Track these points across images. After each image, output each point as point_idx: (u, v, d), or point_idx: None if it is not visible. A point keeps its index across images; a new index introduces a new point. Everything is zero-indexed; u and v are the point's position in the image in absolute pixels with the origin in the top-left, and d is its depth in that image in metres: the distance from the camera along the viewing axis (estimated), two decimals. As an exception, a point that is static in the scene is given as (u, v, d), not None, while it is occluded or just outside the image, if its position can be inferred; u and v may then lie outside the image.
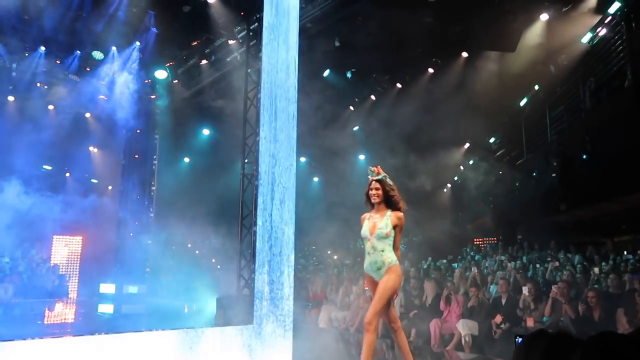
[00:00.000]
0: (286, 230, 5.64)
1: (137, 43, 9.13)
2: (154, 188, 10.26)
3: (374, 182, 3.92)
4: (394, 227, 3.86)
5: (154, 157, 10.39)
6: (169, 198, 10.07)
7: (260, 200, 5.69)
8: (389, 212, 3.89)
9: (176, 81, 10.04)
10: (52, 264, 9.89)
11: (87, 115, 10.48)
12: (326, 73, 10.19)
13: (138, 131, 10.18)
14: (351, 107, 11.72)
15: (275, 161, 5.92)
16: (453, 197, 11.92)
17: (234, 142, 8.44)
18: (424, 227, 8.65)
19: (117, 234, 9.76)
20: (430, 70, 10.04)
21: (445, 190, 12.25)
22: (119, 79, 9.59)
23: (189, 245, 9.66)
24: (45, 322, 7.49)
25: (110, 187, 10.92)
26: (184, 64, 9.83)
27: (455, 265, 8.00)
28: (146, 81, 9.90)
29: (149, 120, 10.24)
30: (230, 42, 8.93)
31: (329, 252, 10.90)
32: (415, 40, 8.74)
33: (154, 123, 10.27)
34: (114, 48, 9.19)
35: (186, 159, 10.63)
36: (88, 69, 9.55)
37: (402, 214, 3.91)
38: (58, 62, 9.30)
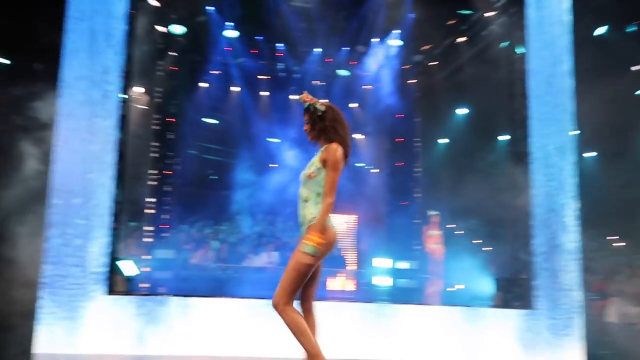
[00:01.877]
0: (565, 211, 5.19)
1: (396, 31, 9.56)
2: (418, 170, 10.71)
3: (304, 114, 3.12)
4: (323, 164, 2.99)
5: (416, 139, 10.82)
6: (432, 179, 10.37)
7: (534, 179, 5.37)
8: (323, 148, 3.05)
9: (434, 63, 10.19)
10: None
11: (354, 105, 11.56)
12: (601, 30, 8.84)
13: (400, 116, 10.75)
14: (634, 68, 9.88)
15: (549, 137, 5.48)
16: None
17: (496, 120, 8.10)
18: None
19: (386, 213, 10.62)
20: None
21: None
22: (381, 68, 10.26)
23: (454, 226, 9.73)
24: (327, 289, 8.70)
25: (377, 170, 11.84)
26: (440, 45, 9.87)
27: None
28: (405, 67, 10.34)
29: (409, 104, 10.69)
30: (487, 14, 8.55)
31: (613, 237, 9.53)
32: None
33: (415, 106, 10.66)
34: (375, 39, 9.83)
35: (445, 140, 10.71)
36: (354, 63, 10.50)
37: (334, 145, 2.99)
38: (329, 60, 10.50)
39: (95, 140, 4.79)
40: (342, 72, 10.75)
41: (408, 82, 10.72)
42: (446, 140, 10.59)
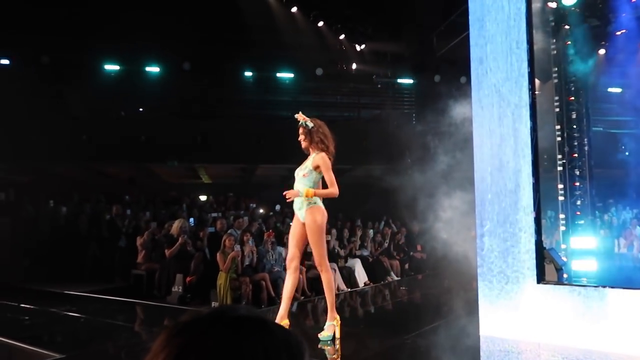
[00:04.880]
0: None
1: None
2: None
3: (299, 129, 4.22)
4: (315, 168, 4.11)
5: None
6: None
7: None
8: (313, 155, 4.18)
9: None
10: None
11: None
12: None
13: None
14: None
15: None
16: None
17: None
18: None
19: None
20: None
21: None
22: None
23: None
24: None
25: None
26: None
27: None
28: None
29: None
30: None
31: None
32: None
33: None
34: None
35: None
36: None
37: (323, 153, 4.12)
38: None
39: (511, 132, 4.89)
40: None
41: None
42: None
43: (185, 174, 15.38)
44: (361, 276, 8.92)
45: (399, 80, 15.37)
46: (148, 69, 13.97)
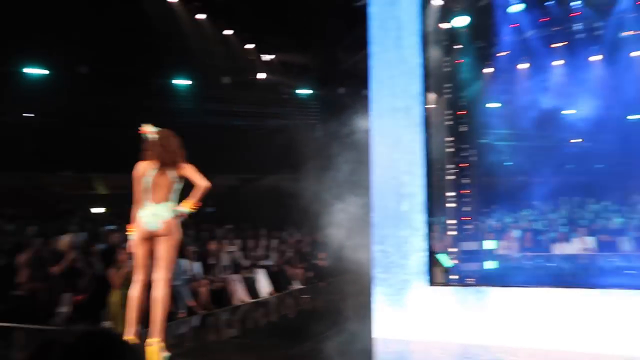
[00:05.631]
0: None
1: None
2: None
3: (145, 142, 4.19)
4: None
5: None
6: None
7: None
8: None
9: None
10: None
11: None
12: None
13: None
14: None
15: None
16: None
17: None
18: None
19: None
20: None
21: None
22: None
23: None
24: None
25: None
26: None
27: None
28: None
29: None
30: None
31: None
32: None
33: None
34: None
35: None
36: None
37: (138, 164, 4.18)
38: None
39: (405, 143, 5.15)
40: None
41: None
42: None
43: (79, 185, 14.34)
44: (264, 286, 8.86)
45: (305, 91, 15.62)
46: (38, 71, 12.88)
